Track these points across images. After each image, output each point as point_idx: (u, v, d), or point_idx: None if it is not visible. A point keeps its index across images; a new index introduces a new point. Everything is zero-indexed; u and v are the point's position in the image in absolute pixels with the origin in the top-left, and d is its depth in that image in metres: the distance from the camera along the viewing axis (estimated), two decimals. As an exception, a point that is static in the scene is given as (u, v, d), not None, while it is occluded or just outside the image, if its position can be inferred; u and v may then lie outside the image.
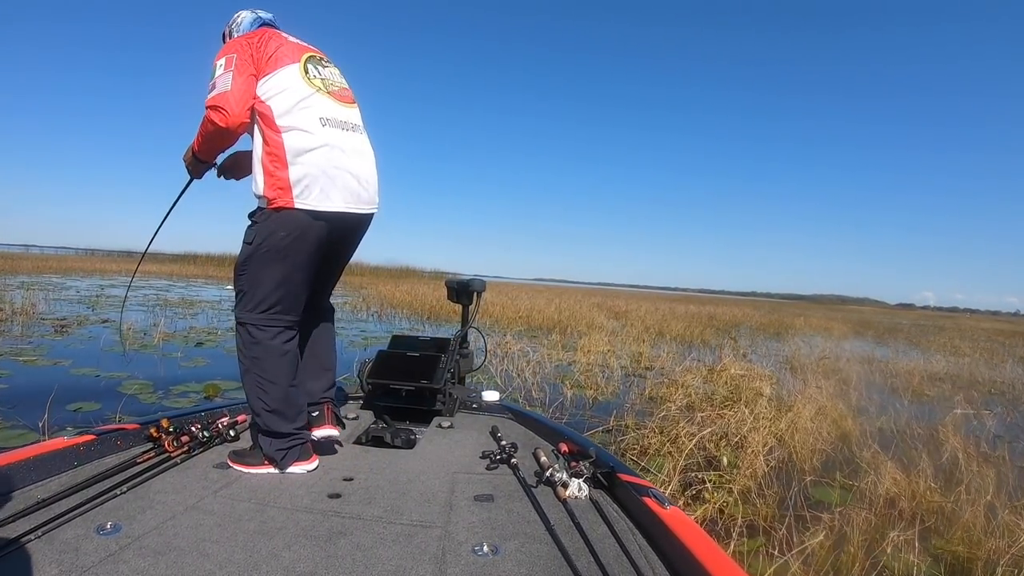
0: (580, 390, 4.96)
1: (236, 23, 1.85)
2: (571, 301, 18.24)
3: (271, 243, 1.62)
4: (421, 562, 1.21)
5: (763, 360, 8.10)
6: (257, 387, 1.65)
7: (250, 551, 1.21)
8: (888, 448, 3.80)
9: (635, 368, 6.57)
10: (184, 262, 35.66)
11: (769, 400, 4.77)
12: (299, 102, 1.65)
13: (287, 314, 1.69)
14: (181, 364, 5.09)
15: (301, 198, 1.62)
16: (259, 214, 1.66)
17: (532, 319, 11.84)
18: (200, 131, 1.67)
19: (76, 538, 1.20)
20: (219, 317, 8.96)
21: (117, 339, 6.16)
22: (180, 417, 1.91)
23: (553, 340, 8.32)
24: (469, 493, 1.60)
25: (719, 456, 3.21)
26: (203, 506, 1.42)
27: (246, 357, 1.68)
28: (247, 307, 1.66)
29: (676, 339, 10.58)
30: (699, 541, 1.19)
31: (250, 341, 1.66)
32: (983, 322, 44.12)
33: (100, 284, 15.33)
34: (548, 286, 51.86)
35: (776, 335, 13.99)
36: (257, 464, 1.68)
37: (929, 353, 11.95)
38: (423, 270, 40.92)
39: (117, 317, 7.89)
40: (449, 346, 2.48)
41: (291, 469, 1.67)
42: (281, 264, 1.64)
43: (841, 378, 6.60)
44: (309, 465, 1.71)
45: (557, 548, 1.28)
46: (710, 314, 18.41)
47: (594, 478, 1.63)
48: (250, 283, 1.66)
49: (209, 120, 1.59)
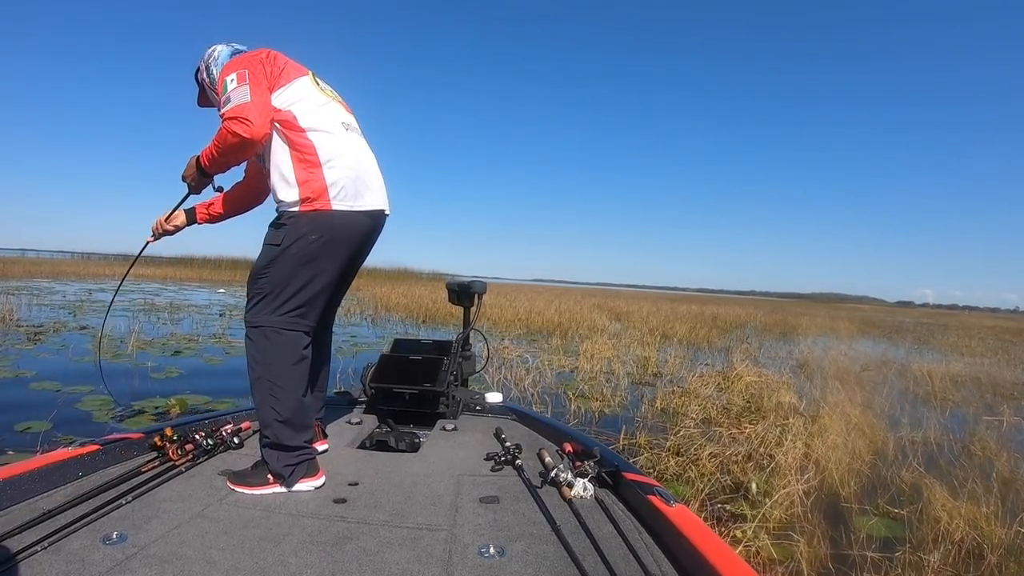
0: (584, 401, 4.56)
1: (213, 57, 1.79)
2: (570, 302, 17.84)
3: (301, 246, 1.59)
4: (428, 565, 1.21)
5: (774, 364, 7.71)
6: (270, 395, 1.58)
7: (257, 558, 1.21)
8: (930, 465, 3.43)
9: (642, 375, 6.18)
10: (180, 265, 35.24)
11: (792, 411, 4.39)
12: (318, 108, 1.66)
13: (306, 319, 1.65)
14: (152, 375, 4.69)
15: (338, 199, 1.61)
16: (288, 217, 1.62)
17: (531, 322, 11.46)
18: (216, 144, 1.60)
19: (82, 548, 1.20)
20: (204, 322, 8.58)
21: (91, 347, 5.78)
22: (184, 425, 1.92)
23: (553, 344, 7.94)
24: (474, 495, 1.59)
25: (747, 482, 2.83)
26: (209, 514, 1.41)
27: (259, 363, 1.61)
28: (266, 310, 1.61)
29: (682, 341, 10.19)
30: (706, 539, 1.18)
31: (266, 345, 1.60)
32: (985, 320, 43.78)
33: (89, 288, 14.92)
34: (547, 286, 51.48)
35: (783, 336, 13.61)
36: (260, 484, 1.58)
37: (942, 353, 11.58)
38: (421, 272, 40.50)
39: (97, 323, 7.50)
40: (451, 348, 2.45)
41: (298, 486, 1.60)
42: (309, 267, 1.61)
43: (860, 383, 6.23)
44: (316, 481, 1.63)
45: (563, 548, 1.28)
46: (713, 314, 18.01)
47: (599, 477, 1.63)
48: (273, 285, 1.61)
49: (231, 132, 1.53)
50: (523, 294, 20.83)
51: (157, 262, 37.65)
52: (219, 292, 16.75)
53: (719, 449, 3.17)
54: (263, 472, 1.60)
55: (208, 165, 1.67)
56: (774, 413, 4.45)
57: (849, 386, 5.70)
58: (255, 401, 1.62)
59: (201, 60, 1.83)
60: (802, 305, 51.00)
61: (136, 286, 16.95)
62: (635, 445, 3.38)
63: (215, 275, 28.02)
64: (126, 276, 2.13)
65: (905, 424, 4.47)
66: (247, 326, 1.64)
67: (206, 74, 1.80)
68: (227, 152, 1.61)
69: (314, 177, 1.60)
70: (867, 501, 2.87)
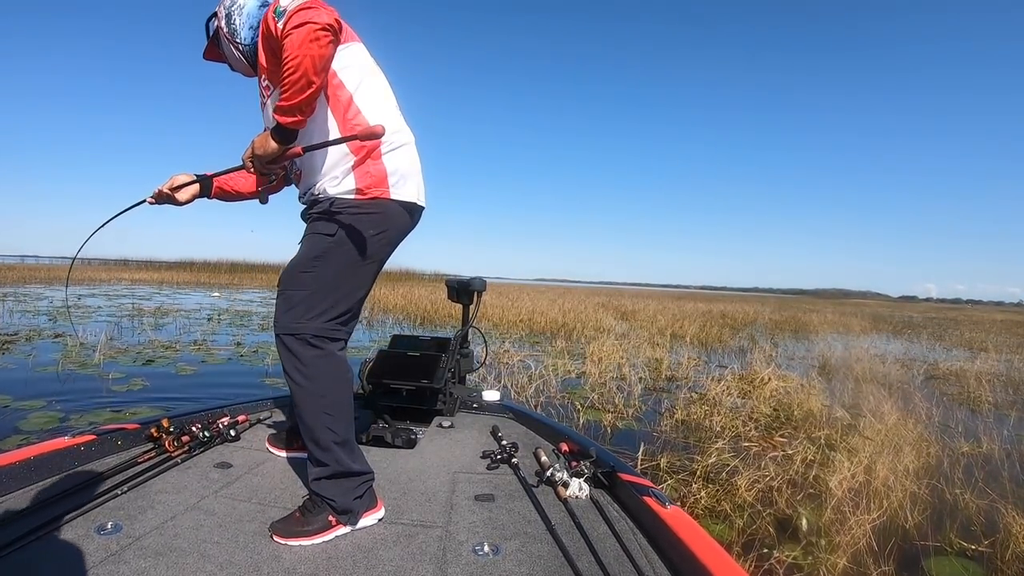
0: (595, 413, 4.08)
1: (238, 5, 1.46)
2: (574, 301, 17.33)
3: (358, 241, 1.37)
4: (422, 562, 1.20)
5: (794, 365, 7.23)
6: (323, 414, 1.34)
7: (251, 552, 1.20)
8: (992, 482, 2.96)
9: (655, 379, 5.70)
10: (179, 269, 34.87)
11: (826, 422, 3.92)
12: (377, 81, 1.46)
13: (348, 327, 1.43)
14: (112, 388, 4.23)
15: (396, 189, 1.42)
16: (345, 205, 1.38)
17: (534, 322, 10.97)
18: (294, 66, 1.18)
19: (76, 538, 1.19)
20: (189, 328, 8.12)
21: (58, 357, 5.35)
22: (181, 417, 1.89)
23: (558, 347, 7.47)
24: (470, 493, 1.58)
25: (796, 517, 2.36)
26: (204, 506, 1.40)
27: (306, 379, 1.33)
28: (308, 315, 1.34)
29: (693, 341, 9.70)
30: (700, 540, 1.16)
31: (311, 356, 1.33)
32: (995, 314, 43.10)
33: (79, 294, 14.54)
34: (550, 286, 50.85)
35: (795, 333, 13.09)
36: (322, 530, 1.30)
37: (963, 350, 11.07)
38: (423, 272, 40.06)
39: (74, 331, 7.06)
40: (450, 346, 2.42)
41: (362, 522, 1.37)
42: (364, 267, 1.42)
43: (890, 385, 5.75)
44: (379, 513, 1.42)
45: (558, 548, 1.27)
46: (721, 312, 17.51)
47: (595, 478, 1.61)
48: (320, 285, 1.35)
49: (318, 27, 1.18)
50: (525, 293, 20.34)
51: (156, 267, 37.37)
52: (213, 295, 16.34)
53: (756, 473, 2.70)
54: (322, 513, 1.32)
55: (294, 105, 1.22)
56: (806, 424, 3.98)
57: (880, 389, 5.22)
58: (304, 422, 1.35)
59: (221, 5, 1.51)
60: (807, 301, 50.32)
61: (129, 290, 16.55)
62: (656, 468, 2.90)
63: (213, 278, 27.62)
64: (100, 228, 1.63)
65: (954, 432, 3.99)
66: (283, 333, 1.35)
67: (225, 22, 1.49)
68: (317, 65, 1.19)
69: (372, 158, 1.39)
70: (937, 534, 2.40)
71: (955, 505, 2.72)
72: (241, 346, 6.58)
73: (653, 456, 3.05)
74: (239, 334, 7.66)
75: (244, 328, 8.46)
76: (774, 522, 2.35)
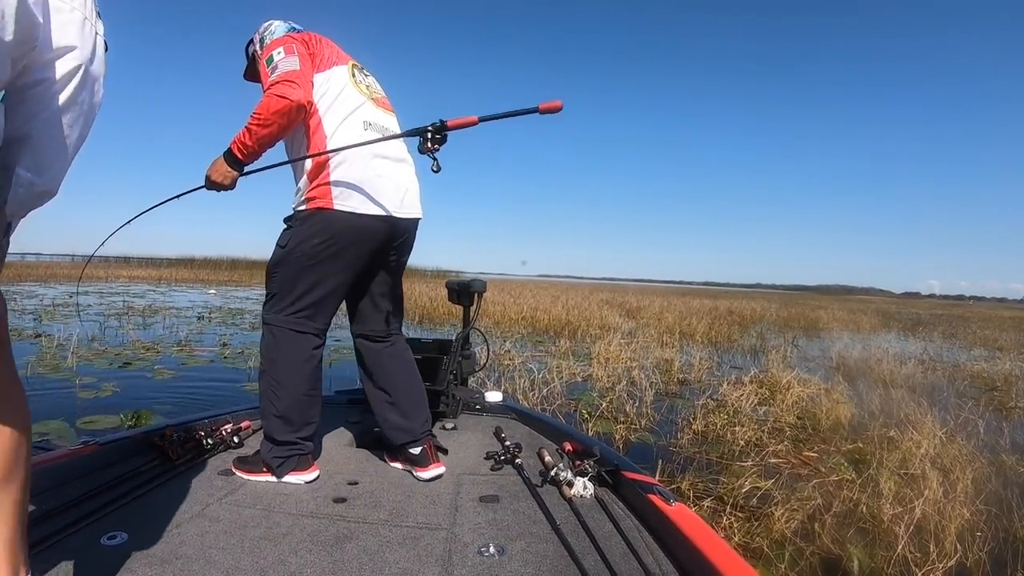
0: (604, 423, 3.73)
1: (269, 30, 1.73)
2: (578, 298, 16.96)
3: (304, 248, 1.58)
4: (427, 564, 1.21)
5: (810, 365, 6.86)
6: (270, 390, 1.62)
7: (256, 557, 1.21)
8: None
9: (667, 383, 5.34)
10: (179, 266, 34.61)
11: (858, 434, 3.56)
12: (346, 103, 1.62)
13: (315, 321, 1.65)
14: (80, 395, 3.91)
15: (340, 199, 1.56)
16: (295, 217, 1.63)
17: (537, 320, 10.61)
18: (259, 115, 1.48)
19: (82, 547, 1.21)
20: (176, 327, 7.79)
21: (30, 360, 5.03)
22: (184, 425, 1.91)
23: (562, 347, 7.11)
24: (474, 494, 1.59)
25: (846, 558, 2.01)
26: (208, 513, 1.42)
27: (265, 359, 1.65)
28: (274, 309, 1.65)
29: (703, 340, 9.34)
30: (706, 537, 1.16)
31: (273, 343, 1.64)
32: (999, 311, 42.62)
33: (71, 292, 14.21)
34: (552, 282, 50.42)
35: (806, 332, 12.71)
36: (257, 471, 1.65)
37: (980, 349, 10.70)
38: (425, 269, 39.76)
39: (59, 330, 6.74)
40: (451, 347, 2.42)
41: (288, 478, 1.62)
42: (313, 270, 1.60)
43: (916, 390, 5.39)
44: (307, 476, 1.64)
45: (563, 547, 1.27)
46: (727, 308, 17.13)
47: (599, 476, 1.61)
48: (280, 286, 1.63)
49: (279, 95, 1.47)
50: (528, 290, 19.98)
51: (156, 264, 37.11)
52: (209, 293, 16.04)
53: (793, 499, 2.35)
54: (259, 460, 1.66)
55: (248, 145, 1.51)
56: (836, 437, 3.63)
57: (911, 395, 4.86)
58: (260, 390, 1.65)
59: (256, 32, 1.79)
60: (812, 298, 49.84)
61: (124, 288, 16.24)
62: (678, 492, 2.55)
63: (213, 275, 27.36)
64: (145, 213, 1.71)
65: (1001, 446, 3.63)
66: (263, 321, 1.67)
67: (259, 46, 1.73)
68: (272, 120, 1.48)
69: (322, 174, 1.56)
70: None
71: (1017, 536, 2.37)
72: (227, 347, 6.24)
73: (673, 477, 2.70)
74: (227, 334, 7.33)
75: (234, 327, 8.14)
76: (821, 563, 2.01)
